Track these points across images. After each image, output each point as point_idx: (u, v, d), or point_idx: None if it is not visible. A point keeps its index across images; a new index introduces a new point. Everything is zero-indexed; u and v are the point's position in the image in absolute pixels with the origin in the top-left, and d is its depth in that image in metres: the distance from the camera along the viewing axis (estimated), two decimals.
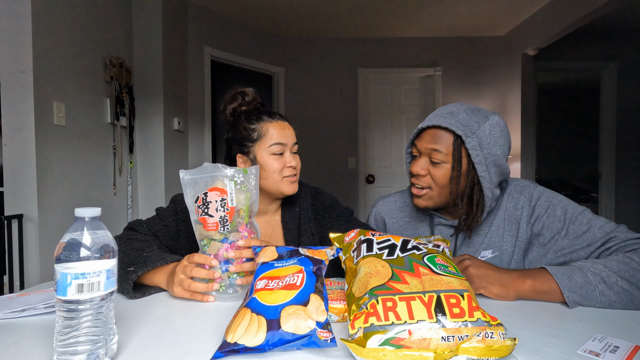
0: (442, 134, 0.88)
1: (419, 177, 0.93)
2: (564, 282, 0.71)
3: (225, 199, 0.73)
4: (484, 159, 0.87)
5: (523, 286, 0.73)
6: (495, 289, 0.73)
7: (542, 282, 0.72)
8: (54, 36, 2.05)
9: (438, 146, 0.88)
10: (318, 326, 0.51)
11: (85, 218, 0.48)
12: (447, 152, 0.88)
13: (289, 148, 1.01)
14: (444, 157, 0.88)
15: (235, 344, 0.50)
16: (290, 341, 0.50)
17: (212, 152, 3.54)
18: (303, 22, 3.79)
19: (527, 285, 0.73)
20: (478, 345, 0.46)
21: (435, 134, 0.89)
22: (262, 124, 1.00)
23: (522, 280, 0.73)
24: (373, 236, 0.67)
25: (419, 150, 0.93)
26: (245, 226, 0.76)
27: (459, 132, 0.86)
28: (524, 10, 3.52)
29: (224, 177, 0.74)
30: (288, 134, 1.01)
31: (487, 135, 0.87)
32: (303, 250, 0.67)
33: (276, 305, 0.53)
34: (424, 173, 0.92)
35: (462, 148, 0.87)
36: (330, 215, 1.08)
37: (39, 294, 0.78)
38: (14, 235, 1.91)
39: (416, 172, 0.92)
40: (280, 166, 0.99)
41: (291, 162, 1.00)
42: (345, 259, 0.67)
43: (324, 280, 0.60)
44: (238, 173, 0.76)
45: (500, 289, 0.73)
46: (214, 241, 0.74)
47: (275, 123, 1.01)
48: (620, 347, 0.52)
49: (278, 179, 0.99)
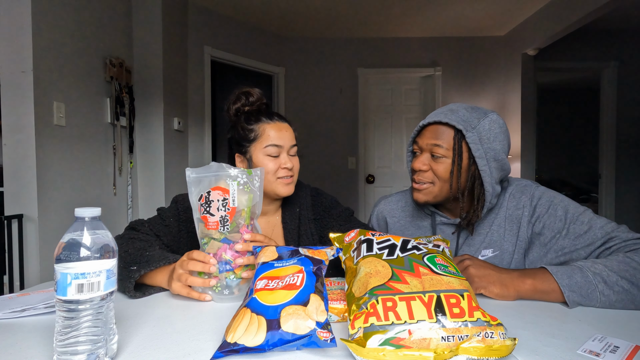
0: (443, 130, 0.90)
1: (421, 172, 0.94)
2: (564, 281, 0.71)
3: (227, 198, 0.73)
4: (484, 153, 0.88)
5: (523, 286, 0.73)
6: (495, 289, 0.73)
7: (542, 281, 0.72)
8: (54, 36, 2.05)
9: (439, 141, 0.90)
10: (318, 326, 0.51)
11: (86, 218, 0.48)
12: (448, 147, 0.90)
13: (285, 150, 1.00)
14: (445, 152, 0.90)
15: (235, 343, 0.50)
16: (290, 341, 0.50)
17: (212, 152, 3.54)
18: (303, 22, 3.79)
19: (527, 284, 0.73)
20: (478, 345, 0.46)
21: (436, 129, 0.91)
22: (260, 125, 1.00)
23: (522, 280, 0.73)
24: (373, 236, 0.67)
25: (420, 147, 0.95)
26: (246, 227, 0.76)
27: (460, 127, 0.87)
28: (524, 10, 3.52)
29: (227, 177, 0.75)
30: (285, 136, 1.00)
31: (487, 130, 0.88)
32: (303, 250, 0.67)
33: (276, 305, 0.53)
34: (425, 168, 0.93)
35: (462, 143, 0.89)
36: (330, 215, 1.08)
37: (39, 294, 0.78)
38: (14, 235, 1.91)
39: (418, 168, 0.93)
40: (275, 167, 0.98)
41: (286, 163, 0.99)
42: (345, 259, 0.67)
43: (324, 280, 0.60)
44: (242, 174, 0.76)
45: (500, 288, 0.73)
46: (214, 240, 0.75)
47: (273, 124, 1.01)
48: (621, 347, 0.52)
49: (272, 180, 0.99)
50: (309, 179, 4.29)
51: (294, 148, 1.03)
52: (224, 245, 0.74)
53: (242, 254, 0.74)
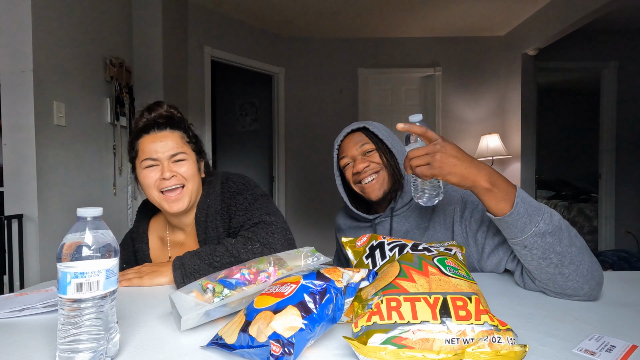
0: (355, 136, 1.04)
1: (366, 169, 1.01)
2: (522, 194, 0.71)
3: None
4: (389, 138, 1.03)
5: (482, 177, 0.71)
6: (454, 179, 0.72)
7: (502, 180, 0.71)
8: (54, 36, 2.05)
9: (362, 141, 1.03)
10: (273, 337, 0.46)
11: (87, 218, 0.48)
12: (369, 142, 1.03)
13: (163, 161, 0.93)
14: (370, 147, 1.03)
15: (220, 337, 0.52)
16: (252, 347, 0.47)
17: (212, 152, 3.54)
18: (303, 22, 3.79)
19: (485, 174, 0.71)
20: (484, 350, 0.45)
21: (352, 138, 1.04)
22: (139, 141, 0.95)
23: (482, 172, 0.71)
24: (384, 239, 0.67)
25: (351, 157, 1.04)
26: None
27: (361, 126, 1.03)
28: (524, 10, 3.52)
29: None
30: (161, 146, 0.93)
31: (378, 126, 1.05)
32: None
33: (258, 308, 0.52)
34: (367, 163, 1.01)
35: (372, 135, 1.03)
36: (236, 202, 0.97)
37: (37, 294, 0.78)
38: (14, 235, 1.91)
39: (362, 168, 1.01)
40: (153, 181, 0.92)
41: (164, 173, 0.91)
42: (357, 263, 0.67)
43: (322, 302, 0.52)
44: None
45: (459, 180, 0.72)
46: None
47: (148, 136, 0.94)
48: (617, 347, 0.52)
49: (156, 195, 0.93)
50: (308, 179, 4.30)
51: (179, 155, 0.95)
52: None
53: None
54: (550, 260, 0.70)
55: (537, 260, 0.71)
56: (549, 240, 0.69)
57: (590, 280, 0.70)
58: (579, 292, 0.71)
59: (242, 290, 0.62)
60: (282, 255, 0.71)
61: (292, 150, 4.20)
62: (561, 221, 0.71)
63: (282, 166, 4.17)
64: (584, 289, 0.71)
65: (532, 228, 0.69)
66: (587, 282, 0.70)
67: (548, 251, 0.69)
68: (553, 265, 0.70)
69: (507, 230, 0.72)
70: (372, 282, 0.57)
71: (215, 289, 0.62)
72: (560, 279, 0.71)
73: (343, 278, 0.56)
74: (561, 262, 0.69)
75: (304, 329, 0.48)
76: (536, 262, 0.71)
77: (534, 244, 0.70)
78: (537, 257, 0.71)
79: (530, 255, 0.71)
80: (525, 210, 0.69)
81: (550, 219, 0.70)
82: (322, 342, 0.55)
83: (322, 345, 0.54)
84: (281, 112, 4.14)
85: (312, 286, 0.53)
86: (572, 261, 0.70)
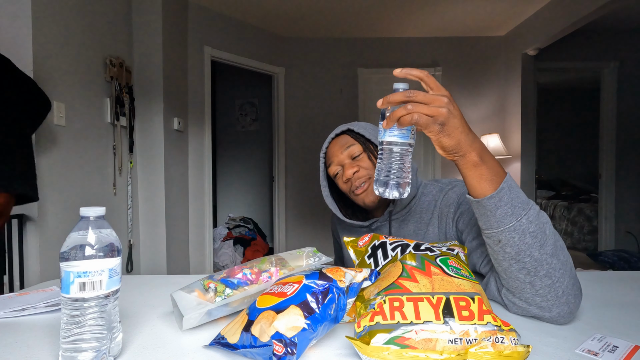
0: (340, 139, 0.98)
1: (356, 174, 0.95)
2: (510, 181, 0.63)
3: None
4: (374, 134, 0.97)
5: (473, 151, 0.62)
6: (448, 142, 0.61)
7: (493, 161, 0.64)
8: (54, 36, 2.05)
9: (348, 144, 0.97)
10: (275, 337, 0.46)
11: (90, 217, 0.48)
12: (355, 142, 0.97)
13: None
14: (358, 149, 0.96)
15: (223, 337, 0.52)
16: (255, 347, 0.47)
17: (212, 152, 3.54)
18: (303, 22, 3.79)
19: (477, 151, 0.63)
20: (487, 350, 0.45)
21: (337, 142, 0.99)
22: None
23: (476, 148, 0.63)
24: (386, 238, 0.67)
25: (339, 163, 0.98)
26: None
27: (345, 128, 0.98)
28: (524, 10, 3.52)
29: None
30: None
31: (364, 126, 0.98)
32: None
33: (260, 308, 0.52)
34: (357, 168, 0.95)
35: (358, 136, 0.98)
36: None
37: (39, 293, 0.78)
38: (14, 235, 1.90)
39: (351, 173, 0.94)
40: None
41: None
42: (359, 263, 0.67)
43: (324, 302, 0.53)
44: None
45: (453, 145, 0.62)
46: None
47: None
48: (620, 347, 0.52)
49: None
50: (308, 179, 4.30)
51: None
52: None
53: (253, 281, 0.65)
54: (524, 264, 0.61)
55: (509, 261, 0.62)
56: (528, 240, 0.61)
57: (561, 305, 0.61)
58: (544, 313, 0.62)
59: (244, 289, 0.62)
60: (283, 255, 0.71)
61: (292, 150, 4.20)
62: (548, 226, 0.63)
63: (282, 166, 4.17)
64: (551, 312, 0.61)
65: (512, 221, 0.61)
66: (558, 305, 0.61)
67: (524, 253, 0.61)
68: (525, 271, 0.61)
69: (484, 217, 0.64)
70: (374, 282, 0.57)
71: (217, 288, 0.62)
72: (529, 290, 0.62)
73: (345, 278, 0.56)
74: (535, 270, 0.61)
75: (307, 328, 0.48)
76: (507, 262, 0.63)
77: (510, 241, 0.61)
78: (509, 258, 0.62)
79: (502, 253, 0.63)
80: (510, 200, 0.61)
81: (537, 218, 0.62)
82: (325, 342, 0.55)
83: (325, 345, 0.54)
84: (281, 112, 4.14)
85: (314, 286, 0.53)
86: (548, 274, 0.61)
